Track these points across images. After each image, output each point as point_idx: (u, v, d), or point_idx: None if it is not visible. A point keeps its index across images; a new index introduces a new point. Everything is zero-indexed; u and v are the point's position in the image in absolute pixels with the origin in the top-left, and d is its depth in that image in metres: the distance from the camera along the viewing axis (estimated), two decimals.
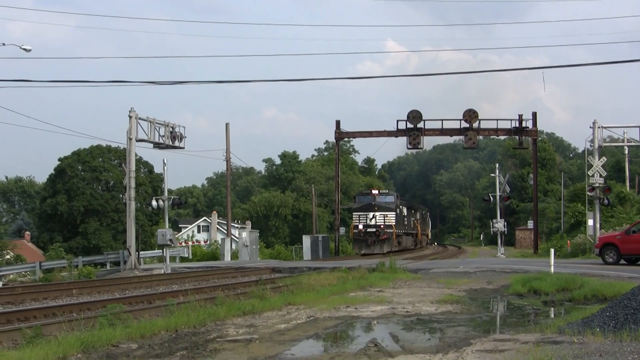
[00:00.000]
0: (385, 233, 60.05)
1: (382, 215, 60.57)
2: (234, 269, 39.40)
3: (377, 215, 60.52)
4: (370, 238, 60.04)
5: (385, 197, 64.17)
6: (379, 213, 60.67)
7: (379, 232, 59.90)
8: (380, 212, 60.74)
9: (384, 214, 60.82)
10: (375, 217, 60.46)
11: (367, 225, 60.43)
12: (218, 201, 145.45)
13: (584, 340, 12.13)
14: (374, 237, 59.95)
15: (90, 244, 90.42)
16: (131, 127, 41.18)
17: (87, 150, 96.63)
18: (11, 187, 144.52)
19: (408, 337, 14.60)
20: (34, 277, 44.68)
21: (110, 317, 15.70)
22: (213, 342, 13.98)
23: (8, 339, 14.27)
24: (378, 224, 60.22)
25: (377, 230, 59.92)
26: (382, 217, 60.49)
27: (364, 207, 62.13)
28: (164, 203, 42.10)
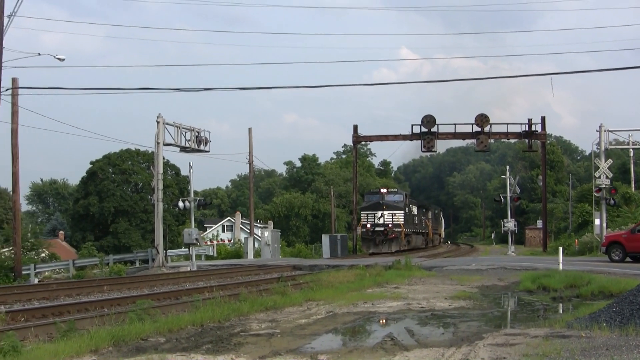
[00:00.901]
0: (393, 232, 57.80)
1: (390, 214, 58.27)
2: (257, 266, 39.43)
3: (385, 214, 58.30)
4: (378, 237, 57.87)
5: (393, 196, 61.62)
6: (387, 212, 58.43)
7: (387, 231, 57.67)
8: (388, 211, 58.48)
9: (392, 213, 58.46)
10: (383, 216, 58.26)
11: (375, 224, 58.29)
12: (241, 202, 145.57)
13: (591, 335, 12.08)
14: (382, 236, 57.78)
15: (120, 243, 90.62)
16: (159, 132, 41.30)
17: (117, 154, 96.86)
18: (46, 189, 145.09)
19: (423, 331, 14.58)
20: (68, 274, 44.84)
21: (140, 312, 15.74)
22: (237, 336, 14.00)
23: (44, 333, 14.34)
24: (386, 222, 58.03)
25: (385, 229, 57.74)
26: (390, 216, 58.19)
27: (372, 206, 59.75)
28: (190, 204, 42.20)
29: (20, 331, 14.00)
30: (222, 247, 65.33)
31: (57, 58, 38.22)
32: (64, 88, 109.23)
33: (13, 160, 38.52)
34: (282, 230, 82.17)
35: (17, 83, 38.17)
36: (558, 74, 70.19)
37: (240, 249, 62.42)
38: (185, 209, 44.00)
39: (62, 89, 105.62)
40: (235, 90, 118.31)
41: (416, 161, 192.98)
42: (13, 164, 38.63)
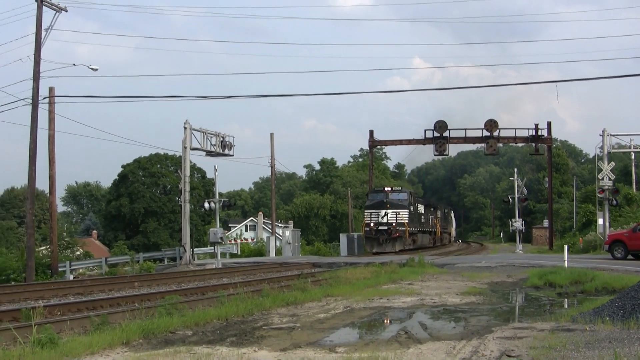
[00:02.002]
0: (397, 231, 53.39)
1: (394, 213, 53.86)
2: (278, 264, 39.44)
3: (389, 212, 53.81)
4: (382, 236, 53.38)
5: (398, 194, 56.85)
6: (391, 210, 53.96)
7: (391, 230, 53.24)
8: (392, 210, 54.06)
9: (396, 212, 54.04)
10: (387, 214, 53.76)
11: (378, 223, 53.88)
12: (264, 203, 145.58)
13: (595, 329, 12.04)
14: (386, 235, 53.31)
15: (149, 242, 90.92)
16: (186, 137, 41.43)
17: (147, 158, 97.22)
18: (80, 191, 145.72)
19: (435, 325, 14.55)
20: (101, 271, 44.99)
21: (168, 307, 15.79)
22: (259, 329, 14.01)
23: (79, 326, 14.42)
24: (390, 221, 53.53)
25: (389, 228, 53.31)
26: (394, 214, 53.81)
27: (376, 205, 55.06)
28: (215, 205, 42.27)
29: (57, 324, 14.10)
30: (245, 246, 65.37)
31: (91, 68, 38.38)
32: (98, 96, 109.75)
33: (50, 164, 38.71)
34: (302, 230, 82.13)
35: (53, 92, 38.36)
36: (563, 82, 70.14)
37: (262, 247, 62.43)
38: (210, 210, 44.08)
39: (96, 97, 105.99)
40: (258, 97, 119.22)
41: (429, 164, 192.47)
42: (50, 168, 38.82)
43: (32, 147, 34.89)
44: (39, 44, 35.33)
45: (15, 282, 34.86)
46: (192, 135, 41.85)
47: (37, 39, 35.43)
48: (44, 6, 35.47)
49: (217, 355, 10.95)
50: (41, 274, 37.04)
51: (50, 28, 35.83)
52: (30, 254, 34.86)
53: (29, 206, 36.02)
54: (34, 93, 35.10)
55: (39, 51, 35.24)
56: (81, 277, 38.15)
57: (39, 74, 35.20)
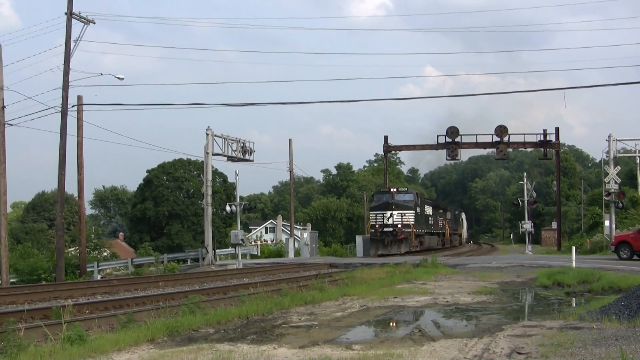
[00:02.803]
0: (402, 233, 50.47)
1: (399, 214, 51.03)
2: (297, 264, 39.46)
3: (395, 214, 51.10)
4: (387, 238, 50.61)
5: (404, 195, 54.19)
6: (396, 212, 51.18)
7: (396, 232, 50.40)
8: (398, 211, 51.24)
9: (402, 213, 51.21)
10: (392, 216, 51.02)
11: (383, 225, 51.06)
12: (282, 206, 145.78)
13: (602, 327, 11.98)
14: (391, 237, 50.55)
15: (173, 243, 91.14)
16: (208, 143, 41.53)
17: (171, 163, 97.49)
18: (107, 194, 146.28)
19: (448, 323, 14.51)
20: (127, 271, 45.18)
21: (191, 305, 15.83)
22: (279, 327, 14.02)
23: (106, 324, 14.48)
24: (395, 223, 50.75)
25: (394, 229, 50.47)
26: (399, 216, 50.98)
27: (381, 206, 52.38)
28: (236, 208, 42.33)
29: (86, 322, 14.15)
30: (265, 247, 65.42)
31: (117, 77, 38.56)
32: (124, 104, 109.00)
33: (78, 169, 38.92)
34: (319, 232, 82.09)
35: (82, 100, 38.58)
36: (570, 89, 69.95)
37: (281, 248, 62.48)
38: (232, 213, 44.14)
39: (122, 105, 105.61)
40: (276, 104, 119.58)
41: (441, 168, 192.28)
42: (78, 173, 39.03)
43: (61, 153, 35.10)
44: (69, 55, 35.56)
45: (46, 281, 35.09)
46: (214, 141, 41.96)
47: (66, 50, 35.67)
48: (73, 19, 35.71)
49: (238, 352, 10.97)
50: (70, 274, 37.27)
51: (78, 39, 36.09)
52: (60, 255, 35.07)
53: (59, 209, 36.22)
54: (64, 101, 35.33)
55: (68, 61, 35.47)
56: (108, 277, 38.31)
57: (68, 83, 35.43)
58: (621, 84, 58.69)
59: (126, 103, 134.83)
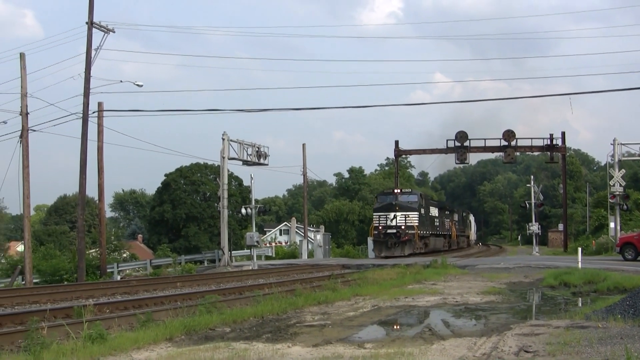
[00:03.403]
0: (406, 234, 48.65)
1: (403, 216, 49.23)
2: (310, 265, 39.48)
3: (398, 215, 49.23)
4: (391, 240, 48.78)
5: (407, 197, 51.89)
6: (400, 213, 49.30)
7: (400, 234, 48.52)
8: (401, 212, 49.36)
9: (405, 214, 49.35)
10: (396, 217, 49.18)
11: (386, 227, 49.32)
12: (296, 209, 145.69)
13: (607, 326, 11.96)
14: (394, 238, 48.69)
15: (190, 245, 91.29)
16: (224, 148, 41.64)
17: (188, 167, 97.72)
18: (127, 197, 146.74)
19: (457, 323, 14.49)
20: (146, 272, 45.26)
21: (208, 305, 15.87)
22: (293, 326, 14.03)
23: (125, 323, 14.53)
24: (399, 224, 48.89)
25: (398, 231, 48.61)
26: (403, 217, 49.17)
27: (385, 207, 50.60)
28: (252, 211, 42.39)
29: (106, 321, 14.22)
30: (279, 249, 65.37)
31: (136, 84, 38.68)
32: (142, 110, 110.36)
33: (99, 173, 39.06)
34: (332, 234, 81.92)
35: (102, 106, 38.72)
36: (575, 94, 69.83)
37: (295, 250, 62.46)
38: (247, 215, 44.19)
39: (141, 111, 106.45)
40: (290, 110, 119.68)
41: (451, 172, 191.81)
42: (99, 177, 39.18)
43: (82, 157, 35.24)
44: (89, 63, 35.70)
45: (67, 282, 35.23)
46: (230, 146, 42.06)
47: (87, 58, 35.82)
48: (94, 28, 35.85)
49: (253, 350, 11.00)
50: (91, 275, 37.40)
51: (99, 48, 36.22)
52: (81, 256, 35.20)
53: (80, 212, 36.36)
54: (85, 108, 35.47)
55: (89, 69, 35.62)
56: (128, 278, 38.43)
57: (89, 90, 35.57)
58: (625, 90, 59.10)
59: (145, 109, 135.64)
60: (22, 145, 35.49)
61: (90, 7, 35.76)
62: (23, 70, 35.96)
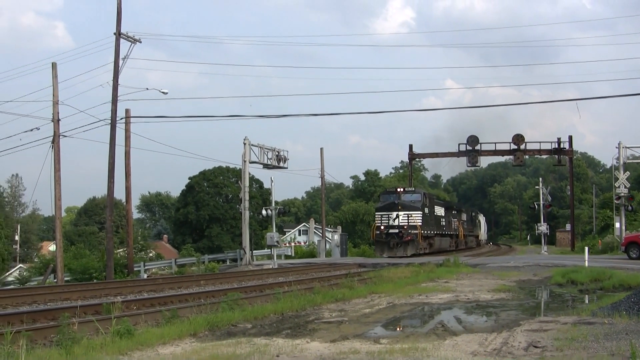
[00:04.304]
0: (409, 234, 45.88)
1: (405, 215, 46.45)
2: (328, 264, 39.43)
3: (401, 214, 46.47)
4: (393, 240, 46.08)
5: (411, 196, 48.91)
6: (402, 212, 46.50)
7: (402, 233, 45.83)
8: (404, 212, 46.55)
9: (408, 214, 46.53)
10: (398, 217, 46.43)
11: (389, 226, 46.52)
12: (315, 210, 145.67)
13: (613, 322, 11.91)
14: (397, 238, 45.98)
15: (213, 245, 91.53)
16: (245, 152, 41.72)
17: (211, 170, 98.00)
18: (153, 200, 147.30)
19: (469, 319, 14.47)
20: (171, 270, 45.43)
21: (230, 302, 15.89)
22: (311, 323, 14.05)
23: (152, 319, 14.59)
24: (401, 224, 46.19)
25: (400, 231, 45.91)
26: (405, 216, 46.42)
27: (387, 207, 47.71)
28: (272, 212, 42.43)
29: (133, 317, 14.28)
30: (298, 248, 65.40)
31: (161, 92, 38.83)
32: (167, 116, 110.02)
33: (126, 176, 39.25)
34: (349, 234, 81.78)
35: (129, 113, 38.91)
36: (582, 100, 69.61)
37: (314, 249, 62.46)
38: (267, 216, 44.24)
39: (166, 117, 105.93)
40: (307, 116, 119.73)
41: (462, 174, 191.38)
42: (126, 180, 39.37)
43: (110, 161, 35.43)
44: (117, 72, 35.90)
45: (97, 280, 35.44)
46: (251, 150, 42.14)
47: (115, 67, 36.02)
48: (121, 39, 36.05)
49: (274, 345, 11.02)
50: (119, 273, 37.57)
51: (126, 57, 36.41)
52: (110, 255, 35.38)
53: (108, 213, 36.56)
54: (113, 114, 35.67)
55: (116, 78, 35.81)
56: (154, 276, 38.58)
57: (117, 98, 35.76)
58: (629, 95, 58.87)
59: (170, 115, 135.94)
60: (53, 150, 35.71)
61: (118, 18, 35.98)
62: (55, 79, 36.20)
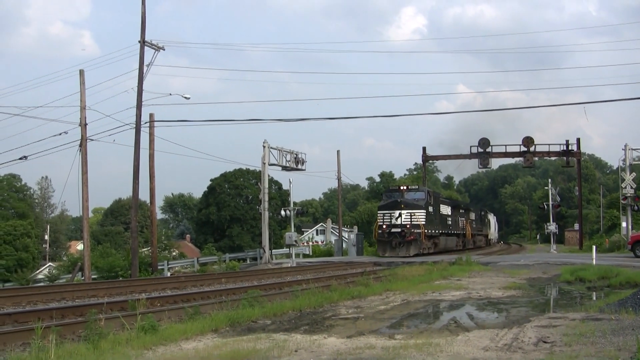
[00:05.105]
0: (411, 233, 43.25)
1: (408, 214, 43.77)
2: (345, 263, 39.39)
3: (404, 213, 43.79)
4: (395, 239, 43.52)
5: (414, 194, 46.34)
6: (405, 211, 43.84)
7: (405, 233, 43.24)
8: (407, 210, 43.89)
9: (411, 212, 43.84)
10: (401, 215, 43.77)
11: (391, 225, 43.95)
12: (332, 210, 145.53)
13: (620, 318, 11.85)
14: (399, 238, 43.42)
15: (234, 244, 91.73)
16: (265, 155, 41.80)
17: (232, 172, 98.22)
18: (176, 201, 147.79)
19: (481, 316, 14.43)
20: (193, 269, 45.59)
21: (250, 299, 15.92)
22: (329, 319, 14.06)
23: (175, 315, 14.64)
24: (404, 223, 43.56)
25: (403, 230, 43.32)
26: (408, 215, 43.75)
27: (389, 205, 45.15)
28: (290, 212, 42.47)
29: (157, 314, 14.34)
30: (316, 247, 65.46)
31: (184, 97, 39.01)
32: (190, 120, 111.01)
33: (150, 178, 39.43)
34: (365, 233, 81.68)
35: (153, 117, 39.11)
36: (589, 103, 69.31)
37: (331, 248, 62.47)
38: (286, 217, 44.31)
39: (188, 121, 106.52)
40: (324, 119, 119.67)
41: (474, 176, 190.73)
42: (150, 182, 39.55)
43: (135, 164, 35.59)
44: (141, 78, 36.05)
45: (122, 277, 35.63)
46: (270, 152, 42.22)
47: (139, 74, 36.18)
48: (145, 46, 36.21)
49: (292, 341, 11.04)
50: (143, 271, 37.77)
51: (150, 64, 36.55)
52: (135, 254, 35.54)
53: (133, 214, 36.73)
54: (137, 119, 35.82)
55: (141, 84, 35.97)
56: (177, 274, 38.72)
57: (141, 103, 35.91)
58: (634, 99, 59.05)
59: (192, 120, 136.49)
60: (81, 153, 35.94)
61: (143, 27, 36.13)
62: (82, 85, 36.43)
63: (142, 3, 35.98)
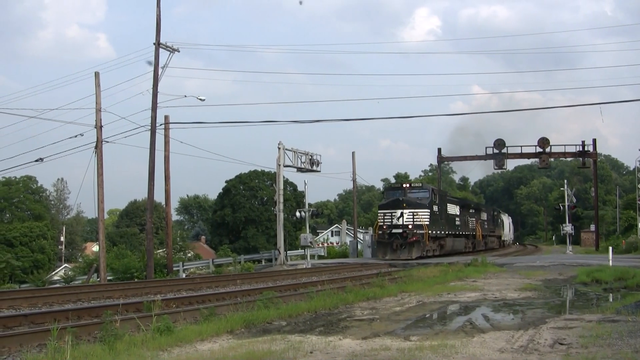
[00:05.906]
0: (414, 234, 40.74)
1: (411, 213, 41.25)
2: (360, 264, 39.34)
3: (406, 213, 41.25)
4: (396, 241, 41.06)
5: (417, 192, 43.61)
6: (407, 211, 41.30)
7: (407, 234, 40.72)
8: (409, 210, 41.37)
9: (414, 212, 41.30)
10: (403, 215, 41.25)
11: (392, 226, 41.44)
12: (347, 212, 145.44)
13: (637, 319, 11.82)
14: (401, 239, 40.92)
15: (249, 245, 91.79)
16: (280, 156, 41.86)
17: (247, 174, 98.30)
18: (191, 202, 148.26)
19: (496, 317, 14.38)
20: (208, 270, 45.64)
21: (266, 301, 15.93)
22: (344, 320, 14.05)
23: (190, 317, 14.68)
24: (406, 223, 41.03)
25: (405, 231, 40.81)
26: (411, 215, 41.23)
27: (391, 204, 42.57)
28: (305, 214, 42.50)
29: (173, 315, 14.39)
30: (331, 249, 65.33)
31: (199, 99, 39.10)
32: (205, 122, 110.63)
33: (165, 180, 39.55)
34: None
35: (168, 119, 39.22)
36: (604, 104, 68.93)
37: (346, 250, 62.38)
38: (301, 218, 44.36)
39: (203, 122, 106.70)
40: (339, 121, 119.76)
41: (489, 177, 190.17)
42: (165, 183, 39.66)
43: (151, 165, 35.73)
44: (157, 80, 36.21)
45: (138, 279, 35.74)
46: (285, 154, 42.27)
47: (154, 76, 36.34)
48: (160, 48, 36.36)
49: (307, 342, 11.05)
50: (159, 273, 37.86)
51: (165, 66, 36.73)
52: (150, 256, 35.68)
53: (149, 216, 36.87)
54: (152, 121, 35.97)
55: (156, 86, 36.13)
56: (192, 276, 38.79)
57: (156, 105, 36.07)
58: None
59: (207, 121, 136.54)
60: (97, 155, 36.09)
61: (158, 29, 36.30)
62: (97, 87, 36.59)
63: (157, 5, 36.15)
